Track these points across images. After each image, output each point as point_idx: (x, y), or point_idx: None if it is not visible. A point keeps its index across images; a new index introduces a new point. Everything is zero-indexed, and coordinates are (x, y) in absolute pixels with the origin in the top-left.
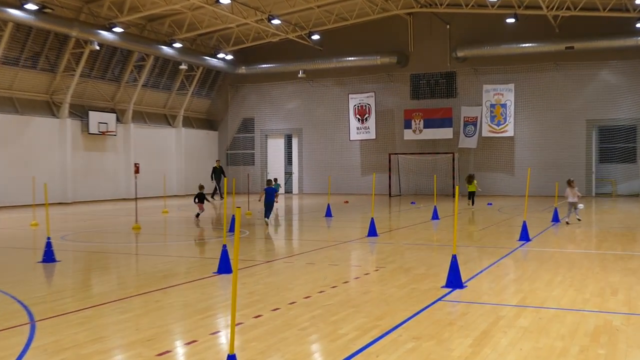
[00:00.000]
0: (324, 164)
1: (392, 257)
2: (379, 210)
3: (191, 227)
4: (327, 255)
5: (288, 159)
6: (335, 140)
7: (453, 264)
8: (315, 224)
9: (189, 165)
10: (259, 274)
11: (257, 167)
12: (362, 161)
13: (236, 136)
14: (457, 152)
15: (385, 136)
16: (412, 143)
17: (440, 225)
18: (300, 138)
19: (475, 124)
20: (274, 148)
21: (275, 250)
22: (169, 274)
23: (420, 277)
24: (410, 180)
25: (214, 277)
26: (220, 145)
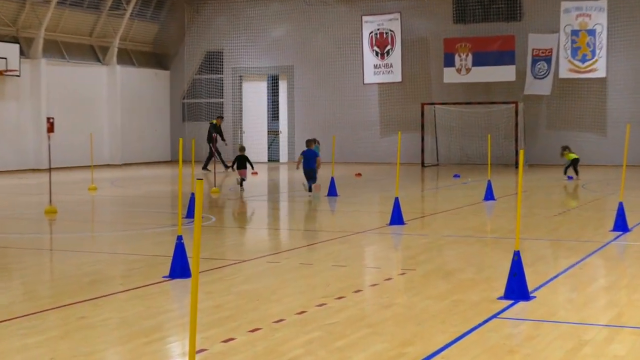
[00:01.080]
0: (326, 119)
1: (426, 255)
2: (407, 187)
3: (134, 210)
4: (330, 252)
5: (273, 111)
6: (342, 85)
7: (515, 265)
8: (314, 207)
9: (128, 120)
10: (231, 279)
11: (228, 123)
12: (382, 115)
13: (197, 78)
14: (522, 102)
15: (416, 78)
16: (455, 88)
17: (496, 208)
18: (291, 81)
19: (549, 59)
20: (252, 95)
21: (254, 244)
22: (99, 278)
23: (466, 283)
24: (452, 142)
25: (165, 283)
26: (174, 92)
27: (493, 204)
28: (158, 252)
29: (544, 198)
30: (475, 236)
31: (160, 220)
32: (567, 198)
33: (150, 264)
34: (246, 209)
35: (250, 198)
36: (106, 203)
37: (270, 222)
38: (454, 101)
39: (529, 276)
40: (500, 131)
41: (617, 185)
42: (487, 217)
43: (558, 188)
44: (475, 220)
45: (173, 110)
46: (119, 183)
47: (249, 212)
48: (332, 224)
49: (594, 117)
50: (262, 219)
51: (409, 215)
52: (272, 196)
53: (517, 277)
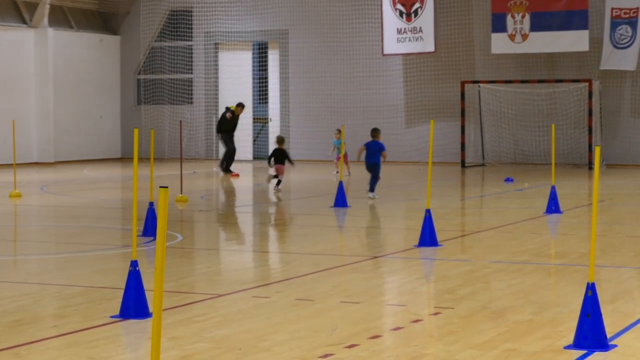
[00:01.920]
0: (332, 102)
1: (468, 288)
2: (443, 195)
3: (72, 226)
4: (338, 283)
5: (260, 92)
6: (354, 56)
7: (589, 302)
8: (315, 222)
9: (63, 103)
10: (204, 321)
11: (199, 107)
12: (408, 97)
13: (157, 46)
14: (599, 80)
15: (455, 48)
16: (507, 61)
17: (563, 225)
18: (285, 51)
19: (634, 22)
20: (232, 70)
21: (236, 273)
22: (24, 318)
23: (523, 327)
24: (503, 135)
25: (114, 324)
26: (126, 65)
27: (559, 218)
28: (104, 282)
29: (629, 211)
30: (535, 263)
31: (108, 239)
32: None
33: (93, 299)
34: (224, 224)
35: (229, 210)
36: (34, 215)
37: (258, 242)
38: (506, 79)
39: (607, 317)
40: (568, 119)
41: None
42: (551, 236)
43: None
44: (534, 241)
45: (124, 89)
46: (51, 188)
47: (226, 230)
48: (340, 246)
49: None
50: (246, 237)
51: (445, 233)
52: (260, 207)
53: (591, 319)
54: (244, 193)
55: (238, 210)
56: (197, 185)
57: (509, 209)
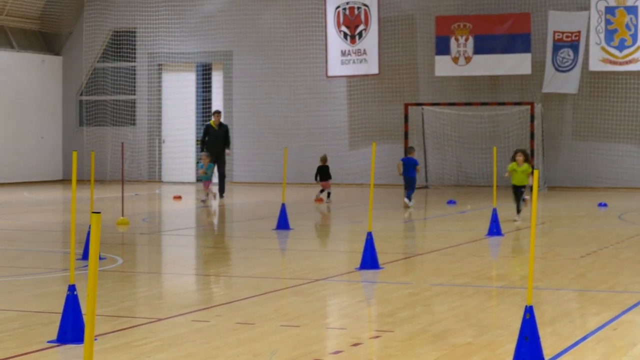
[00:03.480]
0: (276, 124)
1: (408, 311)
2: (385, 218)
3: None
4: (278, 307)
5: (203, 113)
6: (298, 78)
7: (527, 325)
8: (257, 245)
9: (3, 124)
10: (143, 345)
11: (142, 128)
12: (352, 119)
13: (100, 67)
14: (541, 102)
15: (399, 70)
16: (451, 84)
17: (504, 247)
18: (229, 72)
19: (575, 46)
20: (176, 91)
21: (176, 296)
22: None
23: (462, 350)
24: (446, 157)
25: (52, 350)
26: (68, 85)
27: (500, 240)
28: (41, 307)
29: (569, 233)
30: (476, 285)
31: (47, 262)
32: (598, 232)
33: (29, 323)
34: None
35: (171, 232)
36: None
37: (199, 265)
38: (449, 101)
39: (546, 340)
40: (510, 142)
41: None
42: (492, 259)
43: (587, 219)
44: (475, 263)
45: (66, 111)
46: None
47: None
48: (281, 269)
49: (635, 124)
50: (186, 260)
51: (387, 256)
52: (202, 230)
53: (529, 342)
54: (186, 215)
55: (180, 232)
56: (139, 207)
57: (451, 232)
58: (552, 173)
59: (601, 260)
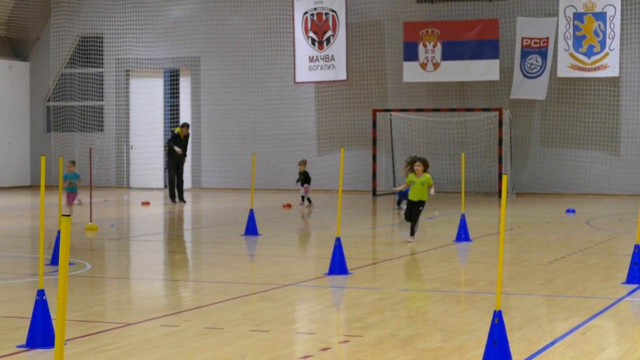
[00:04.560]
0: (244, 129)
1: (377, 315)
2: (354, 224)
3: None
4: (247, 311)
5: (172, 119)
6: (266, 84)
7: (496, 330)
8: (226, 250)
9: None
10: (113, 349)
11: (109, 134)
12: (320, 125)
13: (67, 73)
14: (509, 109)
15: (367, 76)
16: (419, 90)
17: (472, 253)
18: (196, 78)
19: (544, 52)
20: (144, 97)
21: (145, 301)
22: None
23: (431, 355)
24: None
25: (21, 354)
26: (35, 91)
27: (468, 246)
28: (10, 312)
29: (537, 239)
30: (444, 290)
31: (15, 268)
32: (567, 239)
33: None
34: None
35: (140, 238)
36: None
37: (167, 270)
38: (418, 107)
39: (514, 345)
40: (478, 148)
41: (633, 222)
42: (460, 264)
43: (556, 225)
44: (443, 268)
45: (34, 116)
46: None
47: (136, 258)
48: (250, 274)
49: (603, 130)
50: (155, 266)
51: (356, 261)
52: (170, 235)
53: (498, 346)
54: (155, 221)
55: (148, 238)
56: (107, 213)
57: (419, 237)
58: (520, 179)
59: (570, 266)
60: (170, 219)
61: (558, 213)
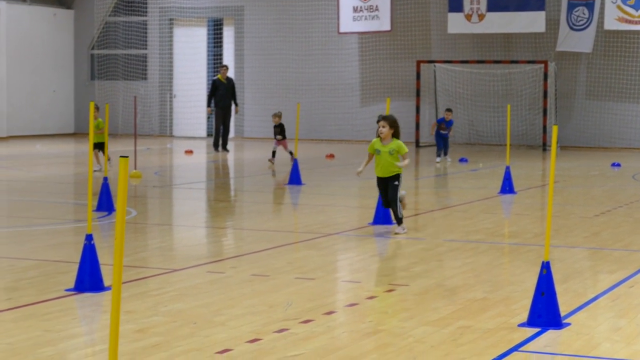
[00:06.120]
0: (287, 80)
1: (422, 266)
2: None
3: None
4: (292, 259)
5: (214, 68)
6: (310, 34)
7: (544, 281)
8: (270, 200)
9: (16, 77)
10: (159, 295)
11: (153, 83)
12: (364, 76)
13: (111, 21)
14: (555, 61)
15: (411, 27)
16: (463, 41)
17: (517, 205)
18: (240, 27)
19: (590, 4)
20: (187, 46)
21: (190, 248)
22: None
23: (477, 305)
24: (459, 115)
25: (69, 298)
26: (80, 39)
27: (512, 198)
28: (58, 256)
29: (582, 192)
30: (489, 242)
31: (60, 213)
32: (613, 192)
33: (46, 272)
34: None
35: (183, 186)
36: None
37: (211, 218)
38: (462, 59)
39: (560, 297)
40: (523, 101)
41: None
42: (505, 216)
43: (601, 179)
44: (488, 220)
45: (78, 64)
46: (3, 162)
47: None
48: (294, 223)
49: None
50: (199, 213)
51: None
52: (214, 183)
53: (545, 298)
54: (198, 169)
55: (192, 186)
56: (150, 161)
57: (463, 189)
58: (565, 132)
59: (615, 219)
60: (214, 168)
61: (603, 167)
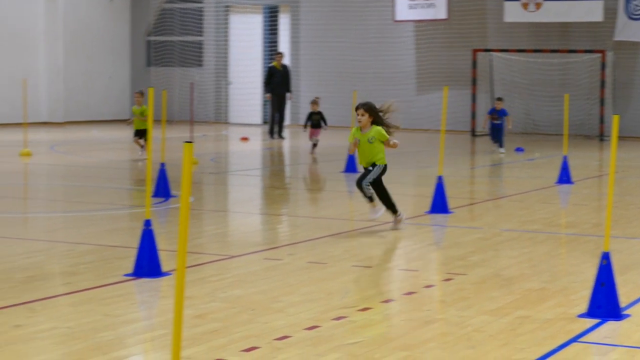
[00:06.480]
0: (342, 68)
1: (479, 255)
2: (453, 163)
3: (81, 185)
4: (349, 247)
5: (270, 56)
6: (365, 22)
7: (604, 271)
8: (326, 187)
9: (73, 63)
10: (217, 281)
11: (208, 70)
12: (419, 64)
13: (168, 8)
14: (612, 50)
15: (467, 15)
16: (520, 30)
17: (574, 195)
18: (296, 15)
19: None
20: (243, 34)
21: (247, 235)
22: (37, 274)
23: (535, 295)
24: (515, 104)
25: (128, 283)
26: (136, 26)
27: (570, 188)
28: (115, 241)
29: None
30: (546, 232)
31: (117, 199)
32: None
33: (105, 257)
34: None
35: (239, 173)
36: (44, 174)
37: (268, 205)
38: (518, 47)
39: (620, 288)
40: (580, 90)
41: None
42: (562, 206)
43: None
44: (545, 210)
45: (134, 51)
46: (61, 148)
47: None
48: (351, 211)
49: None
50: (255, 200)
51: (456, 201)
52: (269, 170)
53: (605, 288)
54: (253, 156)
55: (248, 173)
56: (206, 147)
57: (519, 178)
58: (623, 122)
59: None
60: (270, 155)
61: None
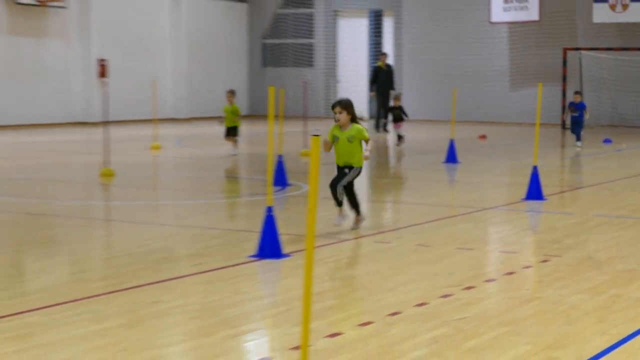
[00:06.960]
0: (442, 67)
1: (573, 238)
2: (545, 154)
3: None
4: (452, 232)
5: (375, 56)
6: (463, 24)
7: None
8: (429, 176)
9: (197, 65)
10: (332, 262)
11: (319, 69)
12: (513, 63)
13: (281, 13)
14: None
15: (558, 16)
16: (608, 30)
17: None
18: (399, 18)
19: None
20: (350, 36)
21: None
22: (169, 256)
23: (626, 275)
24: (603, 99)
25: (252, 264)
26: (253, 30)
27: None
28: (238, 226)
29: None
30: (634, 217)
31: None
32: None
33: (230, 240)
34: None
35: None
36: (171, 166)
37: (375, 193)
38: (607, 46)
39: None
40: None
41: None
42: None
43: None
44: (633, 197)
45: (252, 53)
46: (186, 142)
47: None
48: (453, 198)
49: None
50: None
51: (549, 189)
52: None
53: None
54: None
55: None
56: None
57: (607, 168)
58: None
59: None
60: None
61: None
